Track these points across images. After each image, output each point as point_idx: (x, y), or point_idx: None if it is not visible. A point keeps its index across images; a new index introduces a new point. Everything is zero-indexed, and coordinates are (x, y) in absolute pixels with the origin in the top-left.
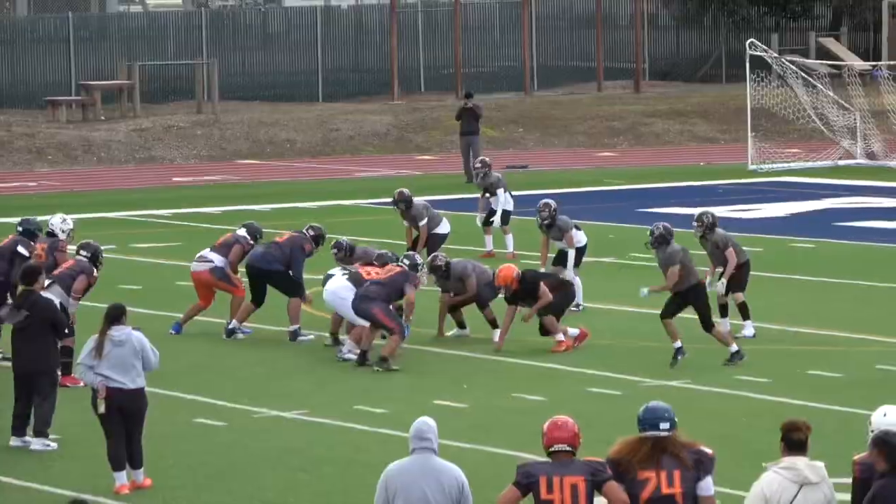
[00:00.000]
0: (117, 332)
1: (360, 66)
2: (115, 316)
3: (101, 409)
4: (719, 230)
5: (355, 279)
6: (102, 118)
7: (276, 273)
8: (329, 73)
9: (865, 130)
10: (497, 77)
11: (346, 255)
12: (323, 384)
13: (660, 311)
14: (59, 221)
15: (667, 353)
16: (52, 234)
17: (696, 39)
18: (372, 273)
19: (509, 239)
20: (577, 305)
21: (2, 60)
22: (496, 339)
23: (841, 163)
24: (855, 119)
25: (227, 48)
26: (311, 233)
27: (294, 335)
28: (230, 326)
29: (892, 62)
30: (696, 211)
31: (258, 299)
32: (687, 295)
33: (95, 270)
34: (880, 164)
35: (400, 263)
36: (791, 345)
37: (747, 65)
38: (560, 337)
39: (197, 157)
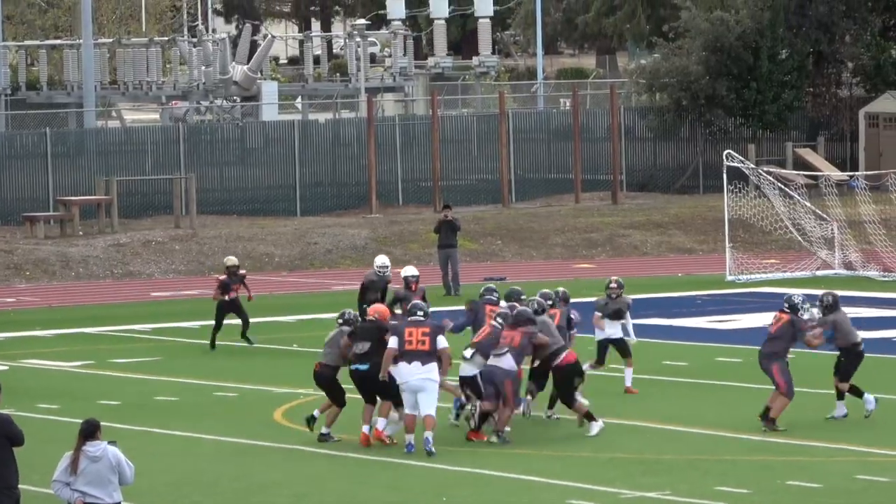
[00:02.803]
0: (92, 447)
1: (338, 179)
2: (90, 431)
3: None
4: (835, 313)
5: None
6: (80, 233)
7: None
8: (307, 187)
9: (843, 240)
10: (475, 189)
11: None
12: (301, 498)
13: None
14: None
15: (643, 463)
16: None
17: (673, 151)
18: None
19: (630, 372)
20: None
21: None
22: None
23: (819, 273)
24: (832, 229)
25: (204, 163)
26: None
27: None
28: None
29: (869, 172)
30: (677, 322)
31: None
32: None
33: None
34: (858, 274)
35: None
36: (770, 455)
37: (724, 176)
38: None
39: (175, 271)
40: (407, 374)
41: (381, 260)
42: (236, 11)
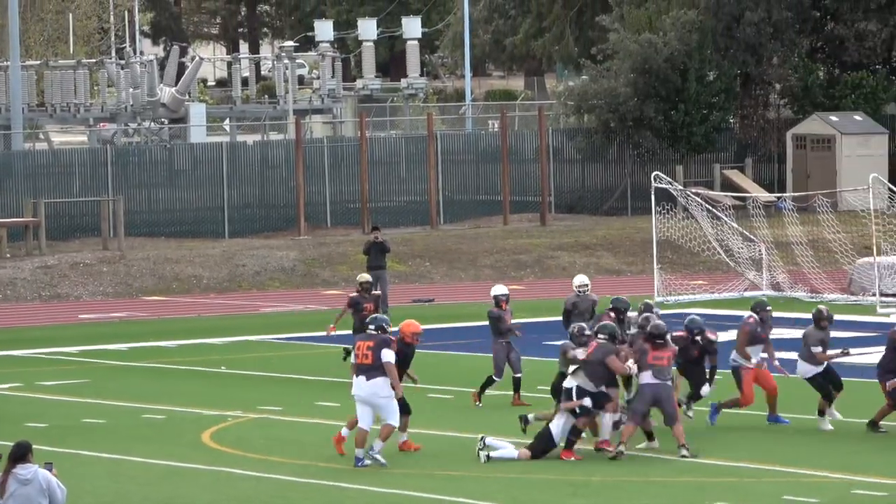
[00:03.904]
0: (23, 470)
1: (266, 201)
2: (21, 454)
3: None
4: None
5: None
6: (8, 256)
7: None
8: (235, 209)
9: (771, 262)
10: (403, 211)
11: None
12: None
13: None
14: None
15: (572, 485)
16: None
17: (601, 172)
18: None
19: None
20: None
21: None
22: None
23: (747, 294)
24: (760, 250)
25: (132, 185)
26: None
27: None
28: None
29: (796, 193)
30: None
31: None
32: None
33: None
34: (786, 295)
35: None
36: (700, 476)
37: (652, 197)
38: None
39: (103, 293)
40: (355, 387)
41: (580, 279)
42: (164, 33)
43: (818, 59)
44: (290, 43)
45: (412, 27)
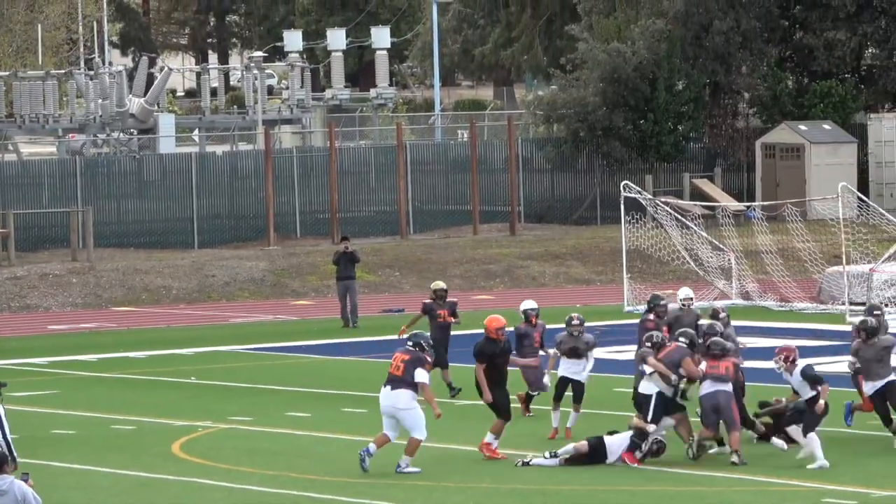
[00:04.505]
0: None
1: (236, 211)
2: None
3: None
4: None
5: None
6: None
7: None
8: (204, 220)
9: (740, 271)
10: (373, 221)
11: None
12: None
13: None
14: None
15: (544, 494)
16: None
17: (570, 182)
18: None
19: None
20: None
21: None
22: None
23: (716, 303)
24: (729, 259)
25: (101, 195)
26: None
27: None
28: None
29: (765, 202)
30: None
31: None
32: None
33: None
34: (755, 304)
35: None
36: (670, 485)
37: (622, 206)
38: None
39: (72, 304)
40: (381, 396)
41: (685, 292)
42: (133, 44)
43: (787, 68)
44: (259, 53)
45: (381, 37)
